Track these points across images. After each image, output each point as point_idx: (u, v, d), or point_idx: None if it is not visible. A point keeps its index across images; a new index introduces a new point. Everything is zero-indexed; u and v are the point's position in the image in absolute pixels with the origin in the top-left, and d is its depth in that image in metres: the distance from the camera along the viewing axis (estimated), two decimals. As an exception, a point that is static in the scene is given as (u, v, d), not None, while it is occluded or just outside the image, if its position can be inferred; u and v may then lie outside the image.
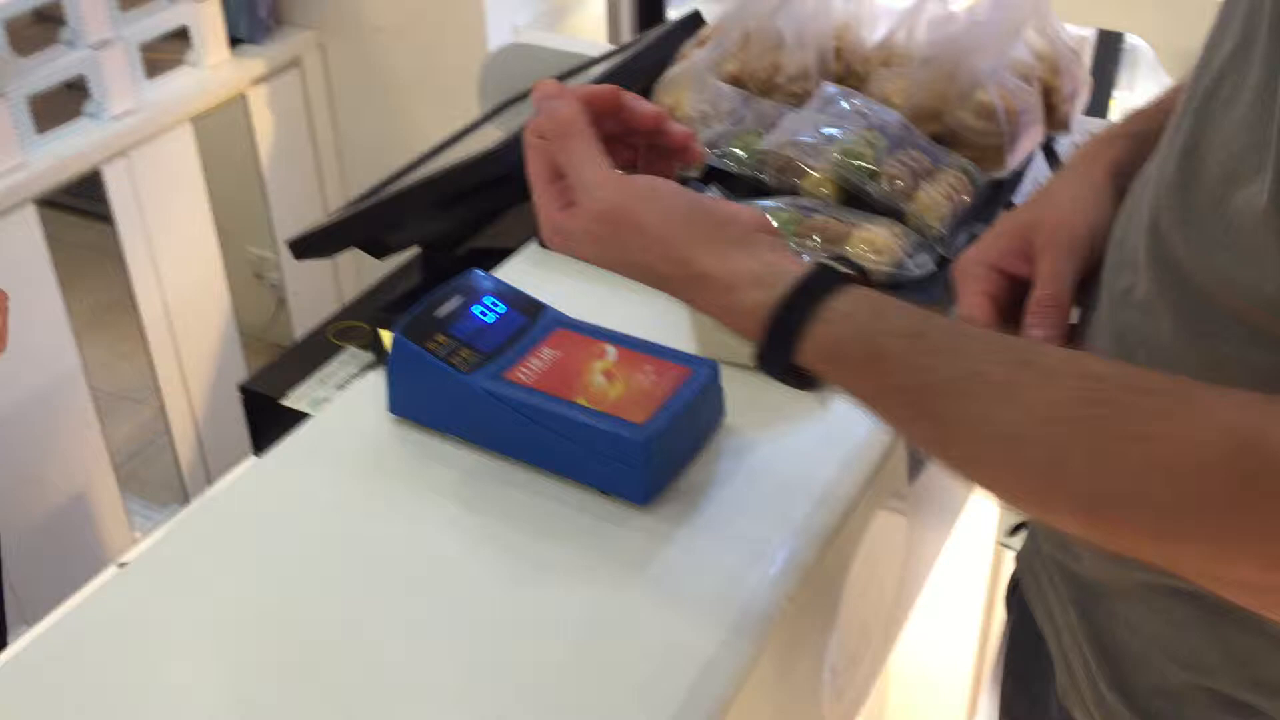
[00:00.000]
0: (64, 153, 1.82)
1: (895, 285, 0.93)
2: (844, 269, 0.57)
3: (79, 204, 2.08)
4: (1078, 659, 0.66)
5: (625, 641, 0.68)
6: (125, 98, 1.90)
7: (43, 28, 1.87)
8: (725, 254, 0.57)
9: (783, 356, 0.56)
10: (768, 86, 1.13)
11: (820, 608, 0.83)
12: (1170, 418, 0.47)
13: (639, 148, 0.66)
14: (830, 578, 0.82)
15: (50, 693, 0.67)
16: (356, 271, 2.50)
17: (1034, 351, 0.54)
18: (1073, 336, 0.66)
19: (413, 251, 1.25)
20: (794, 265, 0.57)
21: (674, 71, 1.13)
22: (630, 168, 0.65)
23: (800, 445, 0.83)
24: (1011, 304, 0.67)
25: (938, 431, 0.54)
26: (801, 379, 0.57)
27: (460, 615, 0.70)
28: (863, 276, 0.58)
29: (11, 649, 0.95)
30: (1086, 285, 0.66)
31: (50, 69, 1.80)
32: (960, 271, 0.69)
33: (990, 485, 0.54)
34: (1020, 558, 0.78)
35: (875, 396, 0.55)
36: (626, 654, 0.68)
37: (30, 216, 1.79)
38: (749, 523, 0.76)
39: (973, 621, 1.49)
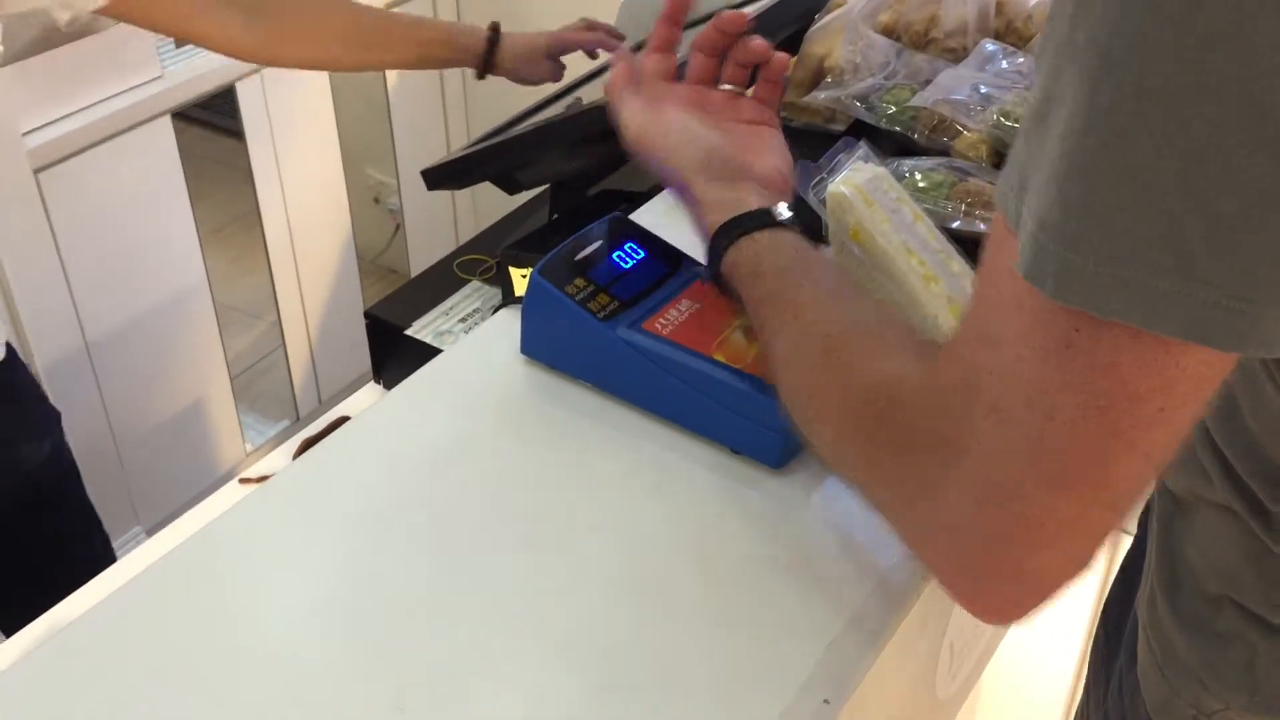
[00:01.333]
0: (201, 68, 1.84)
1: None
2: (780, 216, 0.71)
3: (211, 118, 2.11)
4: (1149, 563, 0.70)
5: (755, 607, 0.67)
6: (262, 15, 1.91)
7: (186, -60, 1.88)
8: (710, 183, 0.73)
9: (713, 267, 0.72)
10: (923, 40, 1.09)
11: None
12: (868, 356, 0.58)
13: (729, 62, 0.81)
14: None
15: (178, 606, 0.68)
16: (473, 204, 2.50)
17: (839, 291, 0.66)
18: None
19: (539, 189, 1.23)
20: (754, 204, 0.71)
21: (828, 19, 1.09)
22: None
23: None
24: None
25: (764, 336, 0.67)
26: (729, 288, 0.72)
27: (579, 565, 0.69)
28: (796, 225, 0.72)
29: (141, 559, 0.97)
30: None
31: (192, -18, 1.82)
32: None
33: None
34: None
35: (747, 306, 0.70)
36: (756, 621, 0.66)
37: (166, 128, 1.82)
38: (883, 495, 0.74)
39: (1083, 609, 1.45)
